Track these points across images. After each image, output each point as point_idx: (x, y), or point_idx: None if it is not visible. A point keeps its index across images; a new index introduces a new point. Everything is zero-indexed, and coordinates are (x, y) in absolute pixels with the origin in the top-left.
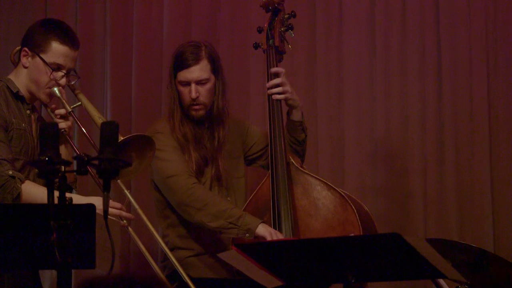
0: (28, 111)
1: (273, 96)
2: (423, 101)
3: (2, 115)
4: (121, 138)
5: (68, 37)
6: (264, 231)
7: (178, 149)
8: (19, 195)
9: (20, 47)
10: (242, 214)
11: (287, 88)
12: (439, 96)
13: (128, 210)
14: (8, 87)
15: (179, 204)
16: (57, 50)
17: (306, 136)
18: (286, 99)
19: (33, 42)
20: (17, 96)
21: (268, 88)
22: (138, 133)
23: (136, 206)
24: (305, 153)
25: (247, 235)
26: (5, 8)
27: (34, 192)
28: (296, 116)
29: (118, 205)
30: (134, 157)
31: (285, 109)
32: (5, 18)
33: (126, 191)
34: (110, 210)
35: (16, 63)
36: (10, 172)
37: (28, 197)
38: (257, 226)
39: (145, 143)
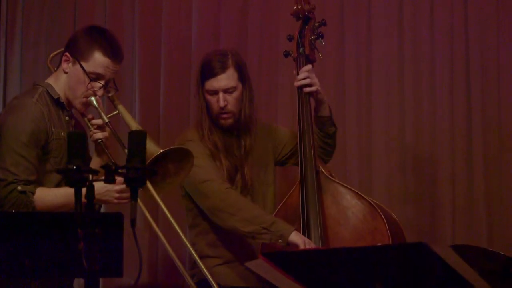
0: (67, 118)
1: (304, 89)
2: (452, 109)
3: (40, 130)
4: (159, 151)
5: (112, 49)
6: (298, 238)
7: (210, 156)
8: (34, 208)
9: (57, 51)
10: (275, 220)
11: (316, 81)
12: (468, 104)
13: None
14: (48, 93)
15: (213, 209)
16: (99, 60)
17: (336, 129)
18: (316, 92)
19: (76, 49)
20: (57, 102)
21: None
22: (177, 146)
23: (167, 212)
24: (335, 146)
25: (280, 241)
26: (35, 16)
27: (46, 198)
28: (324, 111)
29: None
30: (172, 169)
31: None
32: (35, 25)
33: (156, 196)
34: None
35: (52, 67)
36: (19, 188)
37: (41, 205)
38: (291, 232)
39: (183, 156)
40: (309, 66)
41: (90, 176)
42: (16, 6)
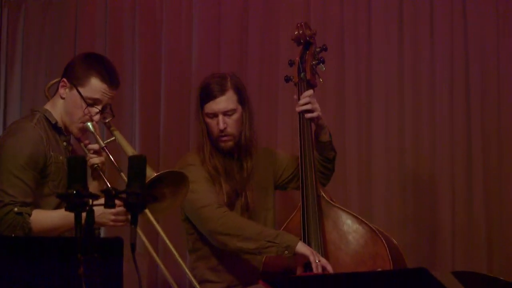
0: (65, 143)
1: (306, 115)
2: (451, 134)
3: (38, 153)
4: (154, 174)
5: (108, 75)
6: (305, 249)
7: (210, 181)
8: (30, 230)
9: (55, 80)
10: (279, 233)
11: (317, 106)
12: (468, 129)
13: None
14: (46, 118)
15: (213, 234)
16: (95, 86)
17: (335, 153)
18: (317, 118)
19: (73, 75)
20: (55, 127)
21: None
22: (172, 169)
23: (165, 238)
24: (334, 170)
25: (286, 252)
26: (35, 44)
27: (41, 219)
28: (324, 137)
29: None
30: (168, 193)
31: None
32: (35, 53)
33: (154, 222)
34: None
35: (49, 96)
36: (16, 209)
37: (37, 226)
38: (297, 243)
39: (179, 180)
40: (310, 91)
41: (90, 200)
42: (16, 34)
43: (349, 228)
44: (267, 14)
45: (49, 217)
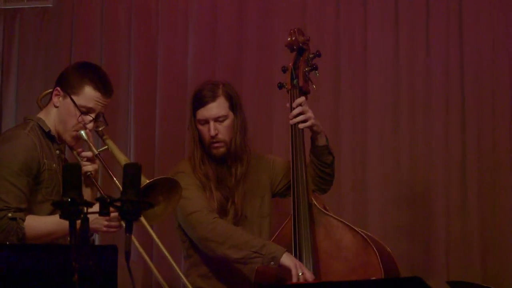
0: (57, 151)
1: (299, 125)
2: (447, 144)
3: (32, 160)
4: (147, 181)
5: (102, 84)
6: (290, 262)
7: (201, 188)
8: (24, 235)
9: (48, 91)
10: (265, 243)
11: (310, 114)
12: (463, 139)
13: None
14: (40, 127)
15: (201, 239)
16: (89, 94)
17: (333, 157)
18: (311, 126)
19: (67, 83)
20: (48, 135)
21: (291, 119)
22: (164, 176)
23: (159, 243)
24: (334, 175)
25: (272, 263)
26: (30, 52)
27: (35, 225)
28: (321, 141)
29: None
30: (161, 200)
31: (308, 135)
32: (30, 61)
33: (149, 229)
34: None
35: (42, 106)
36: (10, 215)
37: (31, 232)
38: (282, 254)
39: (172, 186)
40: (302, 99)
41: (85, 208)
42: (12, 42)
43: (340, 236)
44: (263, 19)
45: (42, 223)
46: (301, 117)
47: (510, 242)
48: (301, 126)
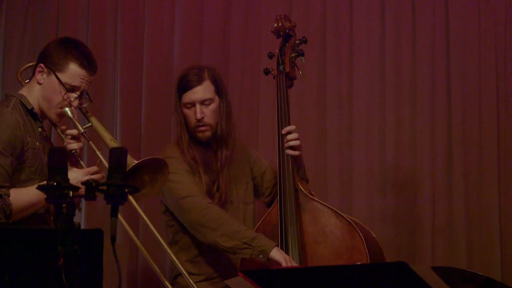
0: (39, 129)
1: (287, 151)
2: (432, 129)
3: (16, 138)
4: (134, 162)
5: (87, 61)
6: (279, 256)
7: (190, 172)
8: (11, 211)
9: (28, 65)
10: (256, 236)
11: (300, 144)
12: (449, 125)
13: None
14: (22, 104)
15: (194, 224)
16: (74, 72)
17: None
18: (299, 156)
19: (51, 60)
20: (31, 113)
21: (287, 141)
22: (152, 157)
23: (149, 224)
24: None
25: (261, 256)
26: (17, 31)
27: (18, 197)
28: (301, 174)
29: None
30: (147, 180)
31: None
32: (17, 40)
33: (139, 209)
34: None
35: (22, 81)
36: None
37: (16, 204)
38: (272, 248)
39: (158, 167)
40: (292, 127)
41: (71, 192)
42: None
43: (326, 221)
44: (249, 7)
45: (25, 194)
46: (297, 142)
47: (495, 228)
48: (289, 152)
